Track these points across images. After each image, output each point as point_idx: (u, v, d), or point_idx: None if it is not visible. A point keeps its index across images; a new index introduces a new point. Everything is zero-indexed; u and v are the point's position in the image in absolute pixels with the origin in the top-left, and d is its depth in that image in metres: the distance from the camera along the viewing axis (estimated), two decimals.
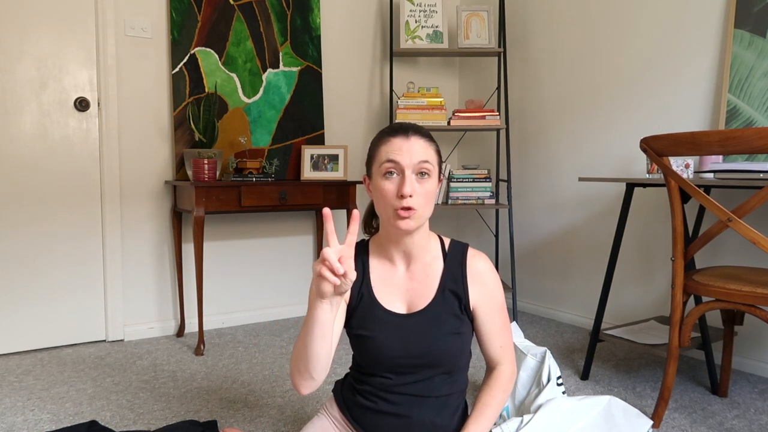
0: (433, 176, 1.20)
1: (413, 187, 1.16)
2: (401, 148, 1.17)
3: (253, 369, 2.34)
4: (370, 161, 1.24)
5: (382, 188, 1.19)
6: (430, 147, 1.21)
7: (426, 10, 3.21)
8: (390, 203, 1.17)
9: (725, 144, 1.54)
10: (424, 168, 1.17)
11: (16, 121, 2.48)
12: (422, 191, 1.17)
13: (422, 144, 1.19)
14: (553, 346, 2.67)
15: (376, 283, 1.27)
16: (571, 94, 3.04)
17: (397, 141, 1.18)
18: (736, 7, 2.33)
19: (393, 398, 1.25)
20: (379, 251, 1.29)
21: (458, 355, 1.25)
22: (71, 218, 2.61)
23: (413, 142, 1.18)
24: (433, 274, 1.26)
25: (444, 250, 1.29)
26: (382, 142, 1.21)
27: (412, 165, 1.16)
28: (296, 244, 3.21)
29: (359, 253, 1.30)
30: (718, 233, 1.67)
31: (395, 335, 1.23)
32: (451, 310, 1.25)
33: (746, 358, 2.35)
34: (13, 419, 1.85)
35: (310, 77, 3.12)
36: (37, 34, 2.50)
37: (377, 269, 1.28)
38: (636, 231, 2.75)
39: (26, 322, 2.54)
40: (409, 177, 1.16)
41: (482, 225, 3.65)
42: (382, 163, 1.19)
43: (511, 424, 1.54)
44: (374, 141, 1.25)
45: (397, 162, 1.16)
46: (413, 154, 1.17)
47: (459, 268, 1.26)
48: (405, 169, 1.16)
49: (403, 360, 1.23)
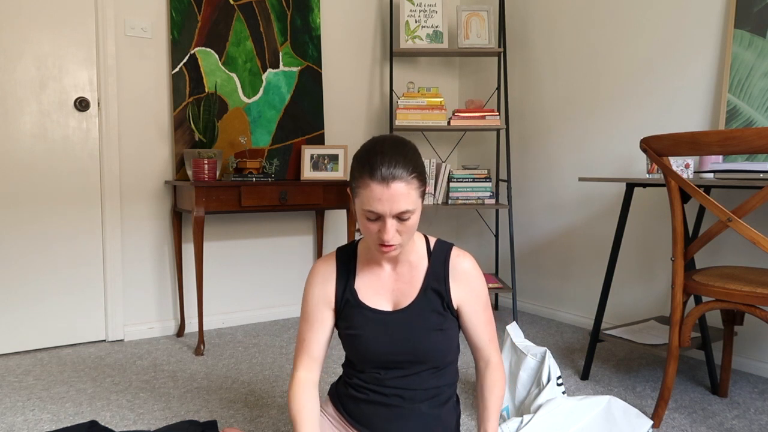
0: (415, 212, 1.18)
1: (393, 231, 1.17)
2: (381, 198, 1.14)
3: (253, 369, 2.34)
4: (352, 191, 1.22)
5: (364, 225, 1.20)
6: (412, 187, 1.16)
7: (426, 10, 3.21)
8: (373, 240, 1.20)
9: (725, 144, 1.54)
10: (404, 216, 1.17)
11: (16, 121, 2.48)
12: (404, 228, 1.18)
13: (403, 190, 1.14)
14: (553, 346, 2.67)
15: (362, 285, 1.33)
16: (571, 94, 3.04)
17: (376, 189, 1.14)
18: (736, 7, 2.33)
19: (383, 390, 1.31)
20: (367, 254, 1.34)
21: (444, 350, 1.31)
22: (71, 218, 2.61)
23: (393, 190, 1.13)
24: (418, 273, 1.31)
25: (429, 250, 1.34)
26: (362, 184, 1.16)
27: (392, 214, 1.16)
28: (296, 244, 3.21)
29: (346, 256, 1.35)
30: (718, 233, 1.67)
31: (381, 332, 1.29)
32: (433, 307, 1.30)
33: (746, 358, 2.35)
34: (13, 419, 1.85)
35: (310, 77, 3.12)
36: (37, 34, 2.50)
37: (364, 271, 1.34)
38: (636, 231, 2.75)
39: (26, 322, 2.54)
40: (390, 223, 1.16)
41: (482, 225, 3.65)
42: (363, 207, 1.18)
43: (511, 424, 1.54)
44: (354, 173, 1.19)
45: (377, 212, 1.16)
46: (393, 204, 1.14)
47: (442, 268, 1.31)
48: (385, 218, 1.16)
49: (390, 356, 1.29)
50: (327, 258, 1.36)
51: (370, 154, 1.16)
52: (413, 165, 1.17)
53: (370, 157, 1.16)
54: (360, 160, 1.18)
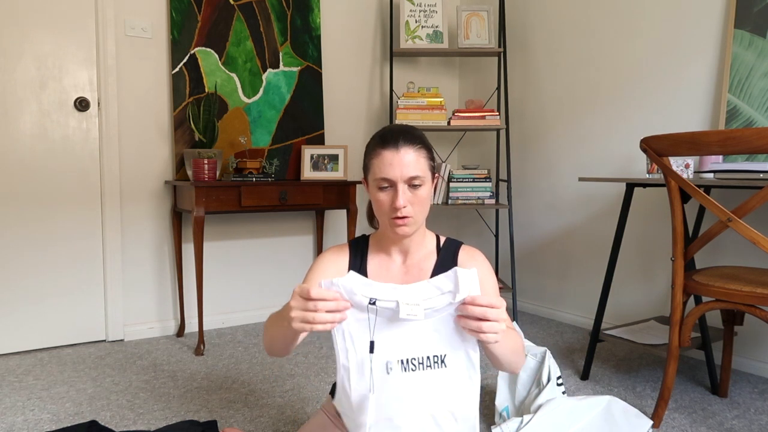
0: (426, 183, 1.24)
1: (406, 198, 1.22)
2: (392, 163, 1.21)
3: (253, 369, 2.34)
4: (366, 169, 1.29)
5: (377, 199, 1.25)
6: (421, 155, 1.24)
7: (426, 10, 3.21)
8: (386, 212, 1.24)
9: (725, 144, 1.54)
10: (415, 181, 1.22)
11: (16, 121, 2.48)
12: (416, 199, 1.23)
13: (413, 155, 1.22)
14: (553, 346, 2.67)
15: (372, 276, 1.34)
16: (571, 94, 3.04)
17: (387, 155, 1.21)
18: (736, 7, 2.33)
19: None
20: (378, 246, 1.35)
21: None
22: (71, 218, 2.61)
23: (403, 154, 1.21)
24: (427, 267, 1.33)
25: (439, 246, 1.36)
26: (374, 154, 1.24)
27: (404, 179, 1.21)
28: (296, 244, 3.21)
29: (358, 247, 1.36)
30: (718, 233, 1.67)
31: None
32: None
33: (746, 358, 2.35)
34: (13, 419, 1.85)
35: (310, 77, 3.12)
36: (37, 34, 2.50)
37: (375, 262, 1.35)
38: (636, 231, 2.75)
39: (26, 322, 2.54)
40: (402, 189, 1.21)
41: (482, 225, 3.65)
42: (375, 178, 1.24)
43: (511, 424, 1.54)
44: (367, 149, 1.28)
45: (389, 178, 1.21)
46: (404, 167, 1.20)
47: (450, 262, 1.33)
48: (397, 183, 1.21)
49: None
50: (340, 247, 1.37)
51: (382, 131, 1.28)
52: (420, 138, 1.26)
53: (381, 133, 1.27)
54: (372, 139, 1.28)
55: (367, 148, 1.29)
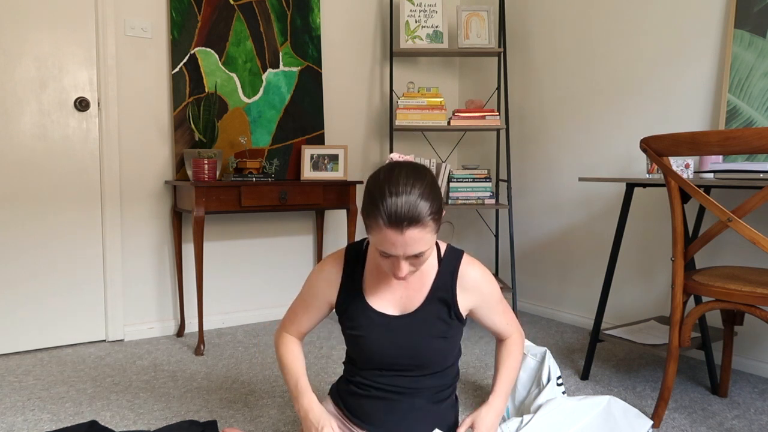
0: (429, 250, 1.16)
1: (407, 268, 1.18)
2: (395, 243, 1.11)
3: (253, 369, 2.34)
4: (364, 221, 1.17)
5: (378, 258, 1.20)
6: (427, 230, 1.12)
7: (426, 10, 3.21)
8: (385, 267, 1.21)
9: (725, 144, 1.54)
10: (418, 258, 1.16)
11: (16, 121, 2.48)
12: (418, 262, 1.18)
13: (417, 235, 1.10)
14: (553, 346, 2.67)
15: (370, 286, 1.33)
16: (571, 94, 3.04)
17: (390, 235, 1.10)
18: (736, 7, 2.33)
19: (384, 387, 1.33)
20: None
21: (446, 356, 1.33)
22: (71, 218, 2.61)
23: (408, 236, 1.10)
24: (426, 280, 1.31)
25: (439, 257, 1.33)
26: (376, 227, 1.12)
27: (406, 255, 1.14)
28: (296, 244, 3.21)
29: (356, 258, 1.35)
30: (718, 233, 1.67)
31: (385, 335, 1.30)
32: (438, 315, 1.31)
33: (746, 358, 2.35)
34: (13, 419, 1.85)
35: (310, 77, 3.12)
36: (37, 34, 2.50)
37: (373, 273, 1.33)
38: (636, 231, 2.75)
39: (26, 322, 2.54)
40: (404, 263, 1.17)
41: (482, 225, 3.65)
42: (374, 244, 1.16)
43: (511, 424, 1.54)
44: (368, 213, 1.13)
45: (391, 255, 1.15)
46: (407, 247, 1.11)
47: (450, 277, 1.31)
48: (399, 258, 1.15)
49: (392, 359, 1.30)
50: (336, 258, 1.36)
51: (384, 193, 1.10)
52: (429, 204, 1.11)
53: (383, 197, 1.10)
54: (373, 196, 1.12)
55: (365, 202, 1.15)
